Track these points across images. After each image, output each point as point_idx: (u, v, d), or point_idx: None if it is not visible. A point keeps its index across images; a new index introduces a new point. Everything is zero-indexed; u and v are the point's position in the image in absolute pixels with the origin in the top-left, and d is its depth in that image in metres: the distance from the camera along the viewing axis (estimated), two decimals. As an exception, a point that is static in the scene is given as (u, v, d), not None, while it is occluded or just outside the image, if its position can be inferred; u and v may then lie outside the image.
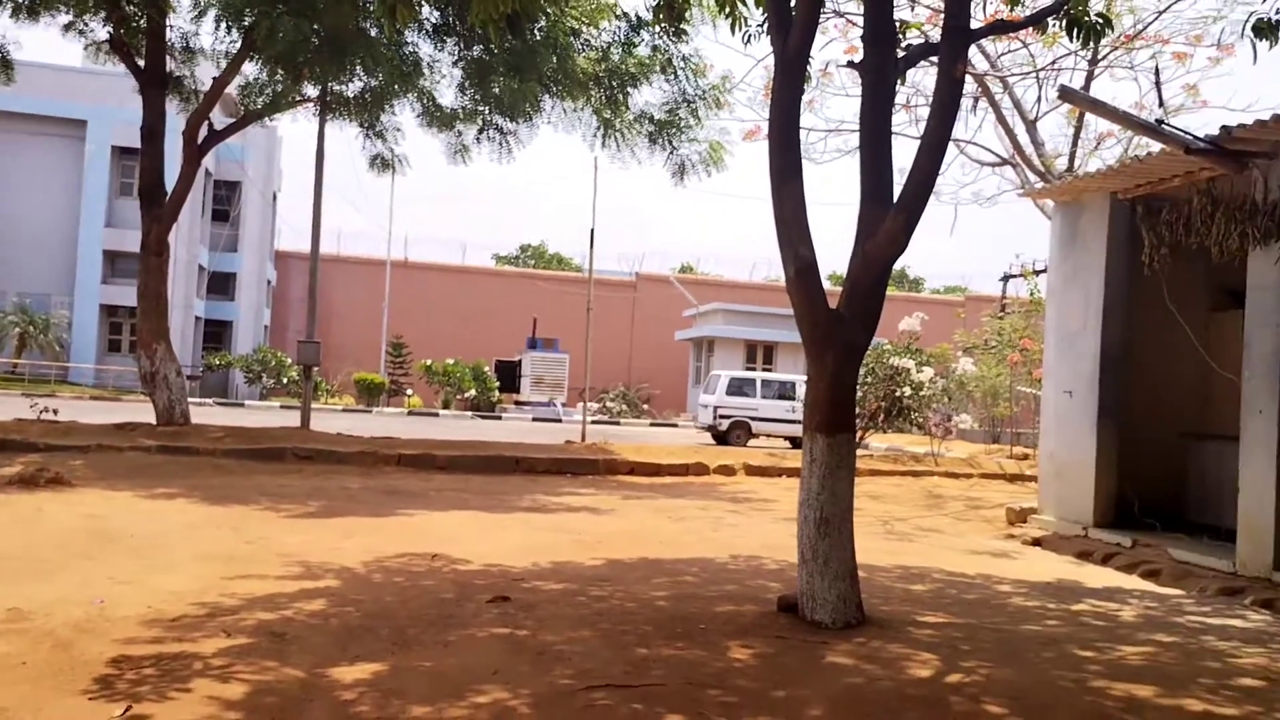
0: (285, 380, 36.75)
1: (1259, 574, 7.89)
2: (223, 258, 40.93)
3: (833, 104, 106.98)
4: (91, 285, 35.86)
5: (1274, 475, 7.91)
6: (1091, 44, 6.38)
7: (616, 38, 15.70)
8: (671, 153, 16.65)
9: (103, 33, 16.86)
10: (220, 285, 41.33)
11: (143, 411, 17.63)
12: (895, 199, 5.83)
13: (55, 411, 15.42)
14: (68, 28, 16.97)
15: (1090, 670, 4.99)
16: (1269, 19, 6.06)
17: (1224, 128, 8.04)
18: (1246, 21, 6.13)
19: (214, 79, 16.57)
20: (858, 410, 14.74)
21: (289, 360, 36.98)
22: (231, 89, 16.74)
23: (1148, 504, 10.04)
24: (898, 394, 17.84)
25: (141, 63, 16.44)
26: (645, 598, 6.25)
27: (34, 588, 5.77)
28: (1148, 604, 7.18)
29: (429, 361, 37.27)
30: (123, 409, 22.93)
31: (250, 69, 16.24)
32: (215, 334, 41.31)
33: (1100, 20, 6.43)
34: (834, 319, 5.90)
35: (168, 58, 16.68)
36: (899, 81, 6.72)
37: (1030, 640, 5.61)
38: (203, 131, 16.67)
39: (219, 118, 17.72)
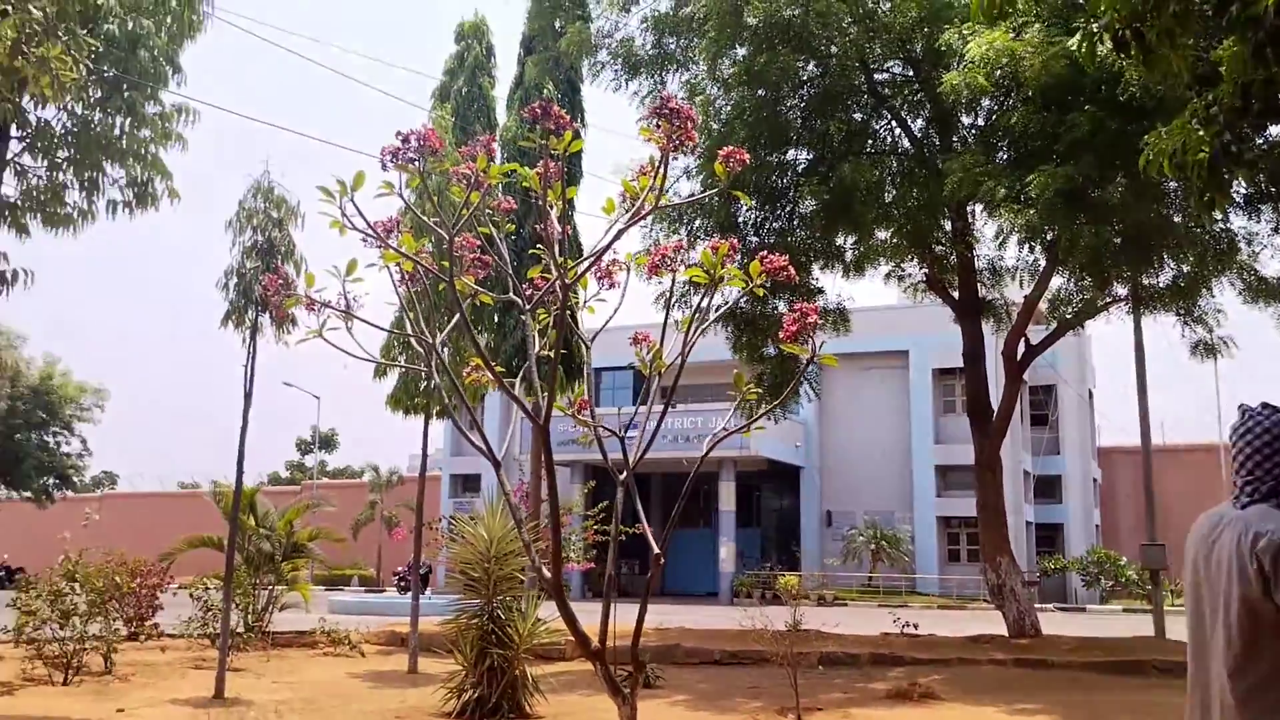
0: (1123, 580, 35.16)
1: None
2: (1045, 461, 41.28)
3: None
4: (927, 499, 38.66)
5: None
6: None
7: None
8: None
9: (918, 274, 18.87)
10: (1046, 489, 41.52)
11: (990, 622, 18.11)
12: None
13: (915, 626, 16.56)
14: (887, 276, 19.37)
15: None
16: None
17: None
18: None
19: (1024, 297, 17.37)
20: None
21: (1123, 560, 35.66)
22: (1040, 302, 17.38)
23: None
24: None
25: (955, 293, 17.94)
26: None
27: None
28: None
29: None
30: (970, 619, 23.80)
31: (1057, 280, 16.73)
32: (1047, 537, 41.28)
33: None
34: None
35: (978, 285, 17.97)
36: None
37: None
38: (1020, 348, 17.43)
39: (1031, 330, 18.45)
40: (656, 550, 4.88)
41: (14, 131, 9.77)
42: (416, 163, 4.57)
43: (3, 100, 6.64)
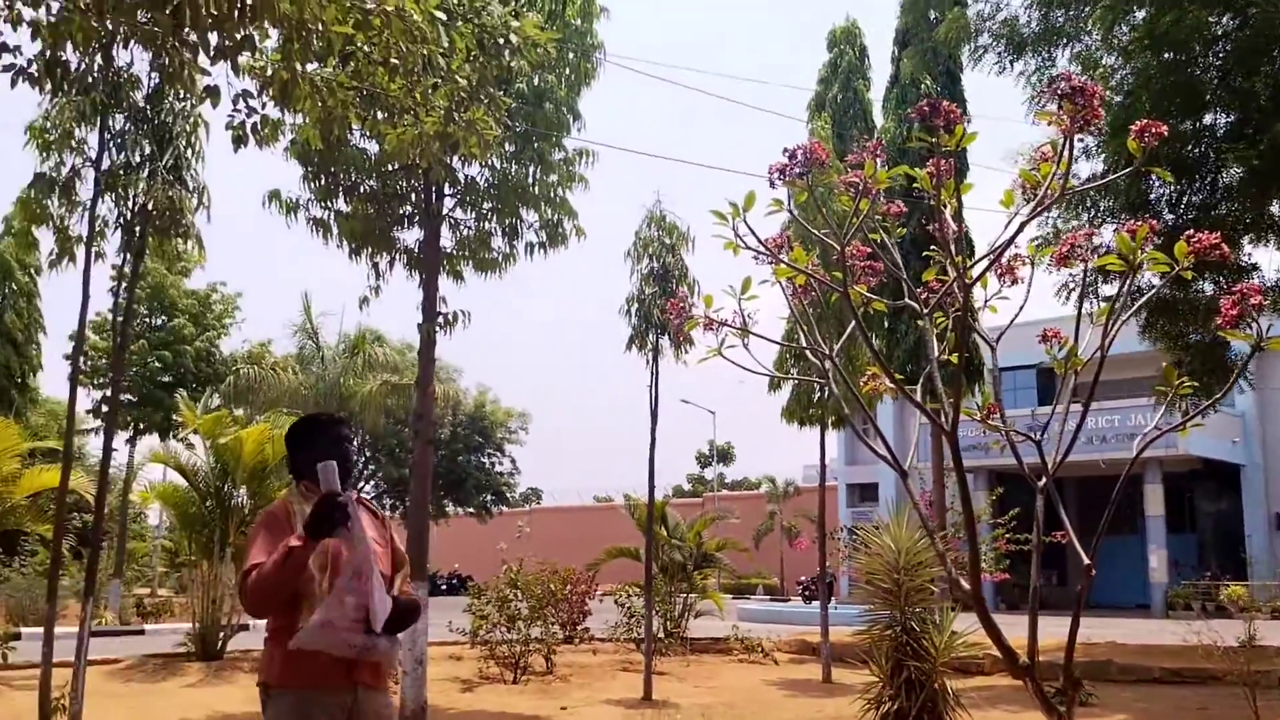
0: None
1: None
2: None
3: None
4: None
5: None
6: None
7: None
8: None
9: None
10: None
11: None
12: None
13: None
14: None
15: None
16: None
17: None
18: None
19: None
20: None
21: None
22: None
23: None
24: None
25: None
26: None
27: None
28: None
29: None
30: None
31: None
32: None
33: None
34: None
35: None
36: None
37: None
38: None
39: None
40: (1087, 561, 4.55)
41: (447, 189, 11.06)
42: (804, 177, 4.60)
43: (438, 163, 7.52)
